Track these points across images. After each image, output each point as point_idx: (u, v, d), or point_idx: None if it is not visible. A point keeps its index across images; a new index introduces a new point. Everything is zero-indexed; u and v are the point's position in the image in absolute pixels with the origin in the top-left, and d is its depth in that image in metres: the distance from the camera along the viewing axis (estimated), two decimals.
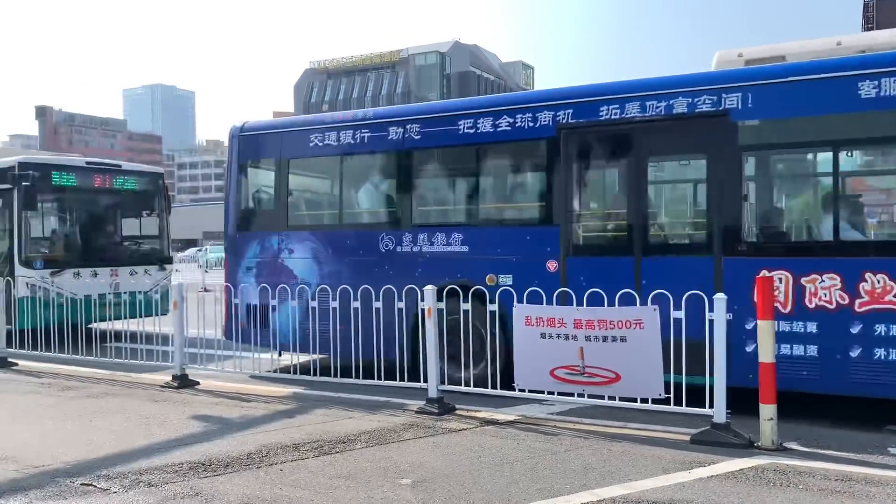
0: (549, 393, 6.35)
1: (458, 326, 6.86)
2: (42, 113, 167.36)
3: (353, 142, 8.56)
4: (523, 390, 6.43)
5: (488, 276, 7.58)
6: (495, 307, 6.77)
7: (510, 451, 5.40)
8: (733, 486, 4.55)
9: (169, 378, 8.04)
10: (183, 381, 7.96)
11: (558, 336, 6.08)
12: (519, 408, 6.65)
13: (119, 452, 5.44)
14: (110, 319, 9.40)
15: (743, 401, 5.75)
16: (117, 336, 9.19)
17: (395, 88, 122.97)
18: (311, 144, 8.83)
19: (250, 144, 9.40)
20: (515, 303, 6.45)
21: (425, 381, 6.73)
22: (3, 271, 11.22)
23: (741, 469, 4.87)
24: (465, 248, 7.83)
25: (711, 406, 5.55)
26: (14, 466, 5.07)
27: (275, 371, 8.32)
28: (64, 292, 11.33)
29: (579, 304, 6.21)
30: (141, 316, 9.41)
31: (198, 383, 7.98)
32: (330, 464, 5.11)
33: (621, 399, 6.05)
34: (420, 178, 8.46)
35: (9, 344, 9.57)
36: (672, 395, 5.83)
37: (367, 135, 8.48)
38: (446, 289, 7.01)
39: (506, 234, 7.76)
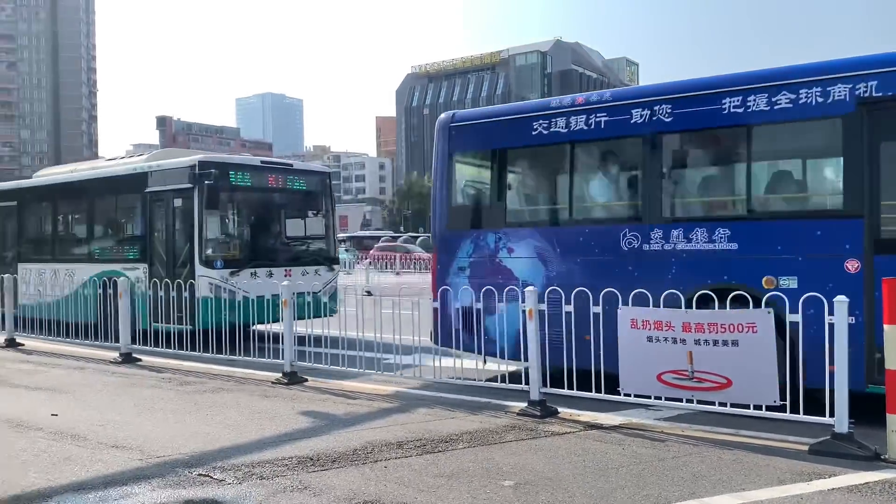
0: (656, 398, 6.17)
1: None
2: (162, 123, 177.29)
3: (585, 127, 7.66)
4: (628, 395, 6.27)
5: (765, 279, 6.56)
6: (798, 316, 5.63)
7: (615, 456, 5.29)
8: (858, 501, 4.27)
9: (279, 375, 8.33)
10: (292, 378, 8.23)
11: (665, 339, 5.90)
12: (623, 412, 6.50)
13: (233, 445, 5.69)
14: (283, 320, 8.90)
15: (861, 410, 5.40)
16: (233, 335, 9.59)
17: (495, 90, 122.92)
18: (534, 132, 8.03)
19: (462, 135, 8.75)
20: (620, 305, 6.30)
21: (526, 383, 6.68)
22: (183, 272, 11.35)
23: (866, 483, 4.57)
24: (734, 246, 6.83)
25: (832, 415, 5.23)
26: (139, 456, 5.39)
27: (485, 381, 7.53)
28: (242, 292, 11.18)
29: None
30: (310, 317, 9.23)
31: (306, 380, 8.23)
32: (433, 463, 5.15)
33: (732, 406, 5.80)
34: (672, 166, 7.65)
35: (133, 341, 10.20)
36: (788, 402, 5.54)
37: (603, 119, 7.59)
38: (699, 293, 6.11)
39: (789, 228, 6.66)
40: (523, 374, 6.79)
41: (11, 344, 11.44)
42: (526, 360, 6.73)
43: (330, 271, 12.91)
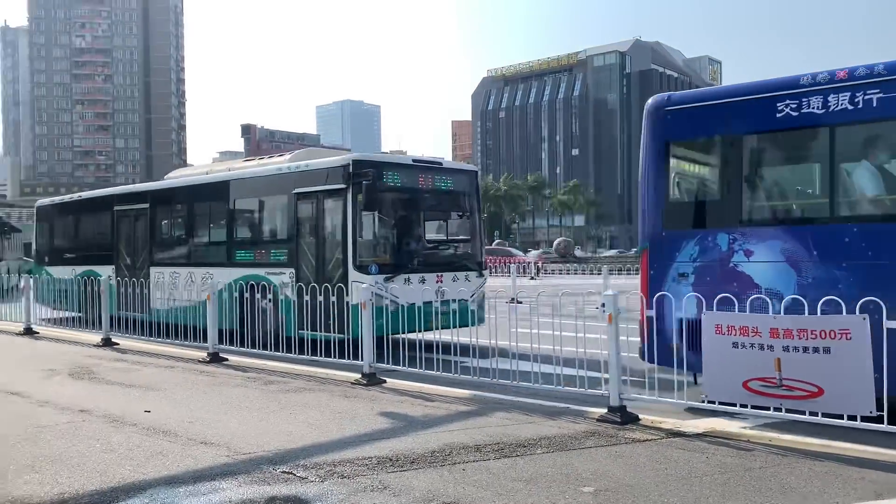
0: (742, 406, 5.97)
1: None
2: (247, 131, 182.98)
3: (850, 107, 6.51)
4: (712, 402, 6.09)
5: None
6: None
7: (699, 464, 5.14)
8: None
9: (358, 376, 8.47)
10: (370, 379, 8.35)
11: (752, 346, 5.71)
12: (707, 420, 6.31)
13: (314, 444, 5.82)
14: (434, 329, 8.58)
15: None
16: (311, 340, 9.81)
17: (572, 91, 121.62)
18: (779, 115, 6.90)
19: (680, 120, 7.63)
20: (704, 310, 6.12)
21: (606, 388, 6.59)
22: (334, 277, 10.86)
23: None
24: None
25: None
26: (226, 452, 5.58)
27: (563, 385, 7.20)
28: (395, 299, 10.65)
29: None
30: (456, 326, 8.37)
31: (384, 381, 8.34)
32: (511, 467, 5.14)
33: (824, 415, 5.56)
34: None
35: (220, 340, 10.56)
36: (885, 413, 5.27)
37: (875, 96, 6.40)
38: None
39: None
40: (602, 380, 6.69)
41: (108, 343, 12.03)
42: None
43: (479, 277, 12.20)
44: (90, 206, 17.51)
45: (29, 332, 13.83)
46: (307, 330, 10.40)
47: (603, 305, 6.53)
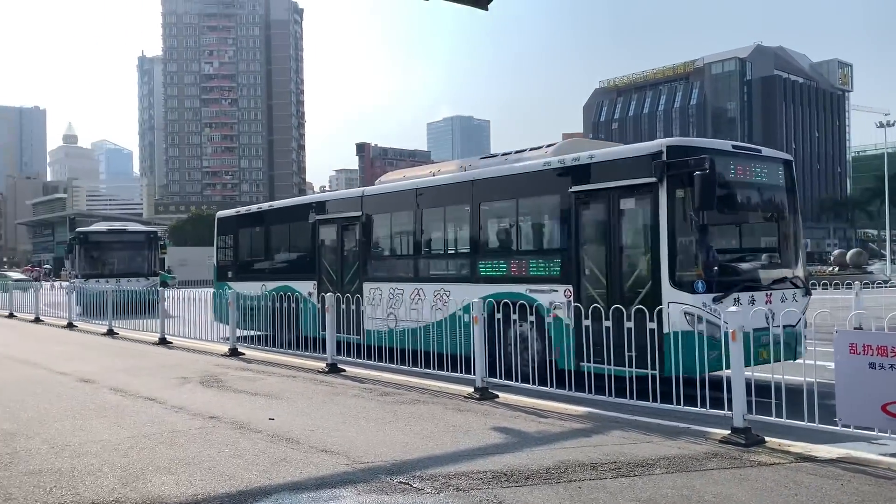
0: (881, 431, 5.58)
1: None
2: (361, 149, 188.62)
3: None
4: (847, 426, 5.72)
5: None
6: None
7: (832, 491, 4.84)
8: None
9: (471, 390, 8.52)
10: (483, 394, 8.38)
11: (892, 367, 5.33)
12: (841, 445, 5.93)
13: (430, 456, 5.90)
14: (764, 363, 7.17)
15: None
16: (440, 358, 9.94)
17: (689, 100, 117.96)
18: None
19: None
20: (836, 328, 5.78)
21: (729, 408, 6.31)
22: (636, 295, 8.67)
23: None
24: None
25: None
26: (345, 461, 5.75)
27: (682, 405, 6.88)
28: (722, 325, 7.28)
29: None
30: (773, 361, 6.71)
31: (497, 396, 8.35)
32: (629, 486, 5.02)
33: None
34: None
35: (337, 352, 10.90)
36: None
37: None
38: None
39: None
40: (725, 400, 6.42)
41: (234, 353, 12.66)
42: None
43: (806, 295, 9.64)
44: (286, 216, 16.06)
45: (163, 341, 14.76)
46: (589, 362, 8.20)
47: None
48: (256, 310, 14.51)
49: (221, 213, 18.73)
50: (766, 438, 6.12)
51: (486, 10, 13.78)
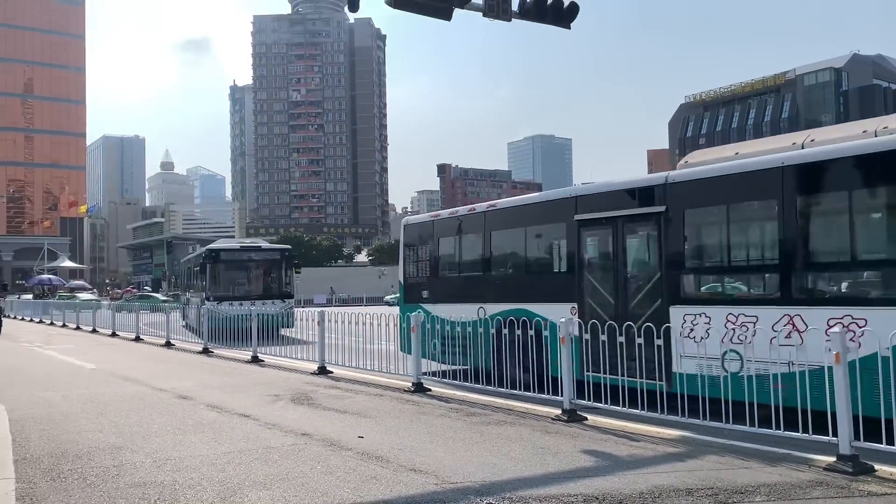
0: None
1: None
2: (442, 170, 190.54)
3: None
4: None
5: None
6: None
7: None
8: None
9: (559, 412, 8.41)
10: (571, 416, 8.25)
11: None
12: None
13: (519, 478, 5.84)
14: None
15: None
16: (513, 369, 9.89)
17: (780, 113, 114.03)
18: None
19: None
20: None
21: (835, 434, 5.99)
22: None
23: None
24: None
25: None
26: (434, 480, 5.76)
27: (783, 429, 6.59)
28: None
29: None
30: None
31: (585, 418, 8.21)
32: None
33: None
34: None
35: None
36: None
37: None
38: None
39: None
40: (830, 425, 6.10)
41: (322, 371, 12.93)
42: None
43: None
44: (521, 217, 12.15)
45: (255, 359, 15.22)
46: None
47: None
48: (468, 339, 11.26)
49: (410, 219, 15.21)
50: (876, 466, 5.78)
51: (569, 28, 13.78)
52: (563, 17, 13.38)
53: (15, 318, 42.07)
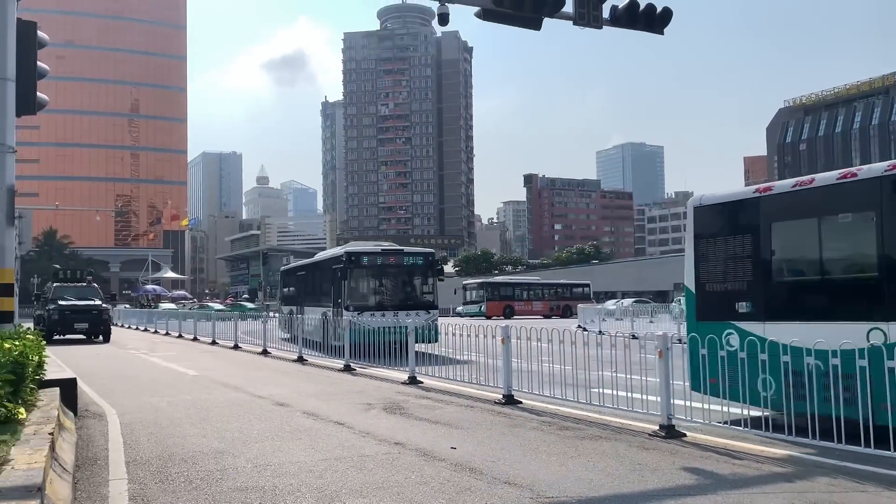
0: None
1: None
2: (528, 180, 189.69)
3: None
4: None
5: None
6: None
7: None
8: None
9: (656, 427, 8.17)
10: (669, 432, 8.00)
11: None
12: None
13: (617, 494, 5.70)
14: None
15: None
16: (609, 383, 9.68)
17: (889, 116, 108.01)
18: None
19: None
20: None
21: None
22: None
23: None
24: None
25: None
26: (529, 494, 5.69)
27: None
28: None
29: None
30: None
31: (684, 435, 7.94)
32: None
33: None
34: None
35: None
36: None
37: None
38: None
39: None
40: None
41: (413, 381, 13.03)
42: None
43: None
44: None
45: (348, 368, 15.51)
46: None
47: None
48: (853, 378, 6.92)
49: (707, 199, 10.03)
50: None
51: (662, 33, 13.48)
52: (656, 22, 13.12)
53: (122, 326, 44.43)
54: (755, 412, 7.63)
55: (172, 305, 59.90)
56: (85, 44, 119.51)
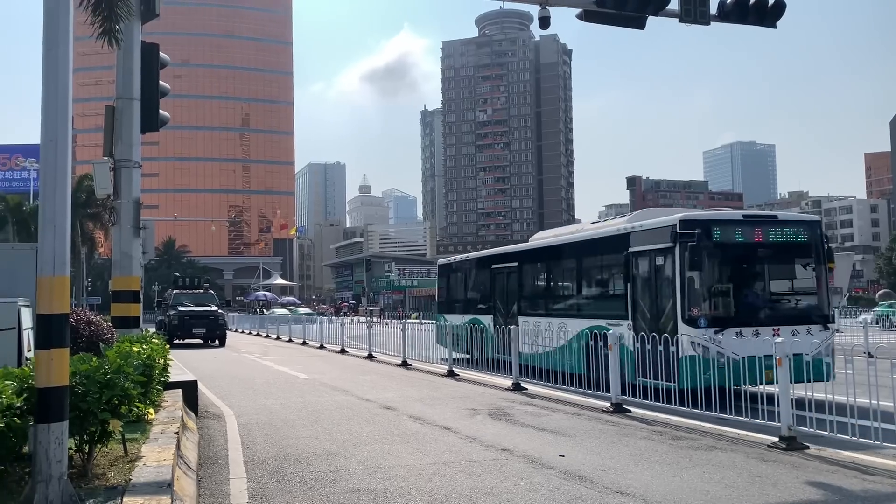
0: None
1: None
2: (632, 183, 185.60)
3: None
4: None
5: None
6: None
7: None
8: None
9: (775, 439, 7.78)
10: (790, 444, 7.60)
11: None
12: None
13: None
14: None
15: None
16: (721, 392, 9.30)
17: None
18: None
19: None
20: None
21: None
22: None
23: None
24: None
25: None
26: None
27: None
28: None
29: None
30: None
31: (807, 447, 7.52)
32: None
33: None
34: None
35: (623, 392, 10.63)
36: None
37: None
38: None
39: None
40: None
41: (517, 388, 12.97)
42: None
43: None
44: None
45: (451, 374, 15.61)
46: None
47: None
48: None
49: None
50: None
51: (775, 27, 12.89)
52: (768, 16, 12.58)
53: (236, 331, 46.46)
54: (887, 426, 7.11)
55: (285, 311, 62.02)
56: (199, 62, 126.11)
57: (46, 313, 4.66)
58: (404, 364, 18.30)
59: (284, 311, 62.60)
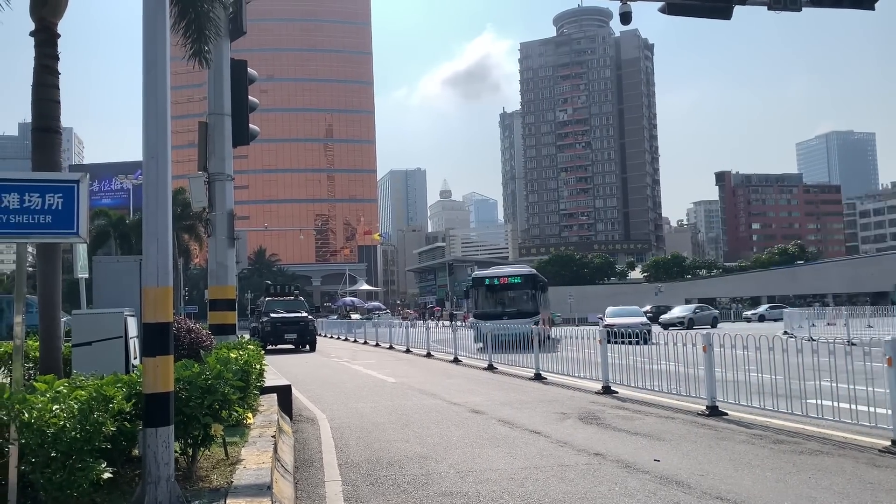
0: None
1: None
2: (721, 178, 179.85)
3: None
4: None
5: None
6: None
7: None
8: None
9: (887, 443, 7.36)
10: None
11: None
12: None
13: None
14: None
15: None
16: (826, 394, 8.88)
17: None
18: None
19: None
20: None
21: None
22: None
23: None
24: None
25: None
26: None
27: None
28: None
29: None
30: None
31: None
32: None
33: None
34: None
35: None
36: None
37: None
38: None
39: None
40: None
41: (607, 391, 12.74)
42: None
43: None
44: None
45: (538, 377, 15.49)
46: None
47: None
48: None
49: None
50: None
51: (873, 9, 12.24)
52: None
53: (325, 336, 47.54)
54: None
55: (357, 317, 63.38)
56: (284, 76, 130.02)
57: (152, 322, 4.89)
58: (490, 367, 18.28)
59: (357, 316, 64.00)
